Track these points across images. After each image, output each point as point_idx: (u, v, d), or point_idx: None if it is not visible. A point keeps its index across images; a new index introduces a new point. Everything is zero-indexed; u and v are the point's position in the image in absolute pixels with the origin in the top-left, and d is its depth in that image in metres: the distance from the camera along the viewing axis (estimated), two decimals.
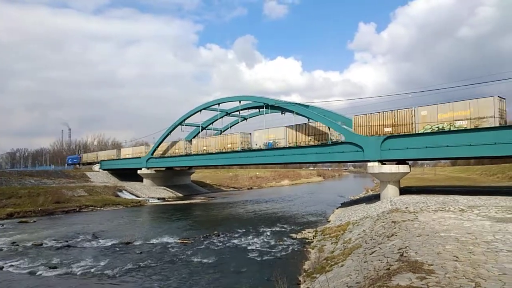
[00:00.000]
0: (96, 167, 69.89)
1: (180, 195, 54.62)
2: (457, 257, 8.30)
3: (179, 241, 21.63)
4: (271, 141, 32.84)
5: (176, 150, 52.25)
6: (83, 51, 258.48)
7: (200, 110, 47.06)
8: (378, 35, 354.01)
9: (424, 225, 13.11)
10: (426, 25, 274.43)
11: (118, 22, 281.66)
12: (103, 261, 17.03)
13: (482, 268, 7.33)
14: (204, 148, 46.41)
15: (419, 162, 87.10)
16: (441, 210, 17.47)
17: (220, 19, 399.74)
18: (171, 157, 52.77)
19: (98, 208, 38.92)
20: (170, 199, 50.34)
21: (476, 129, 22.55)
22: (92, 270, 15.72)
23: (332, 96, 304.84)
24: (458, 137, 23.21)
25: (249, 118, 48.71)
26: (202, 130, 53.59)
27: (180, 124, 50.21)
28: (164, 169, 57.77)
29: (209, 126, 53.52)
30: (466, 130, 23.00)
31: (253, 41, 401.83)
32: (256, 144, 34.76)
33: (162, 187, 56.48)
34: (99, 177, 61.81)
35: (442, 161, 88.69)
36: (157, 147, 54.35)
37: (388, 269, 7.95)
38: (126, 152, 63.98)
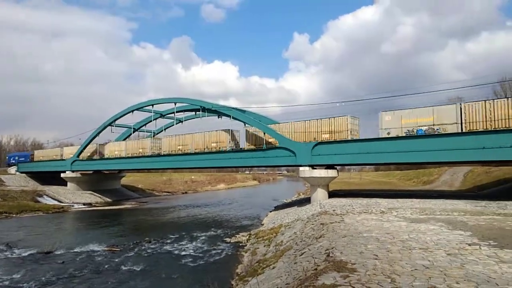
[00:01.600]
0: (12, 169, 63.31)
1: (109, 200, 51.67)
2: (377, 256, 8.99)
3: (106, 248, 20.44)
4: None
5: (106, 152, 49.42)
6: None
7: (132, 111, 45.11)
8: (311, 46, 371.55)
9: (349, 227, 13.98)
10: (354, 39, 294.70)
11: (41, 13, 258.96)
12: (18, 273, 15.46)
13: (398, 265, 8.03)
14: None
15: (347, 167, 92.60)
16: (364, 212, 18.76)
17: (156, 18, 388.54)
18: (99, 159, 49.79)
19: (14, 215, 35.23)
20: (97, 205, 47.36)
21: (394, 138, 24.75)
22: (5, 283, 14.19)
23: (268, 102, 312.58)
24: (380, 145, 25.24)
25: (185, 120, 47.91)
26: (134, 132, 51.43)
27: (110, 124, 47.58)
28: (91, 172, 54.26)
29: (141, 128, 51.56)
30: (386, 138, 25.09)
31: (190, 42, 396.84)
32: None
33: (89, 192, 52.94)
34: (15, 181, 56.12)
35: (367, 166, 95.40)
36: (84, 148, 50.92)
37: (316, 269, 8.35)
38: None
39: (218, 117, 38.83)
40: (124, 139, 50.52)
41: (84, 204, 46.38)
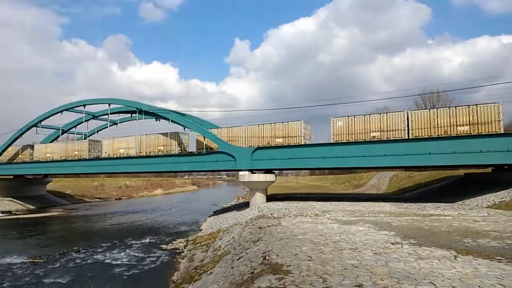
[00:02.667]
0: None
1: (32, 207, 47.32)
2: (311, 257, 9.34)
3: (28, 260, 18.70)
4: None
5: (30, 156, 45.28)
6: None
7: (62, 111, 41.87)
8: (251, 53, 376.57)
9: (286, 229, 14.35)
10: (293, 48, 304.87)
11: None
12: None
13: (329, 265, 8.42)
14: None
15: (284, 171, 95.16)
16: (300, 215, 19.40)
17: (90, 15, 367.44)
18: (22, 163, 45.48)
19: None
20: (18, 212, 43.15)
21: (324, 144, 26.16)
22: None
23: (208, 106, 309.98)
24: (314, 150, 26.45)
25: (119, 123, 45.60)
26: (62, 134, 47.80)
27: (35, 125, 43.68)
28: (11, 177, 49.35)
29: (71, 130, 48.14)
30: (318, 144, 26.38)
31: (126, 41, 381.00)
32: None
33: (8, 199, 47.99)
34: None
35: (303, 171, 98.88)
36: (3, 151, 46.21)
37: (252, 273, 8.45)
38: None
39: (156, 120, 37.58)
40: (52, 141, 46.79)
41: (2, 212, 42.01)
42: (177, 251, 20.23)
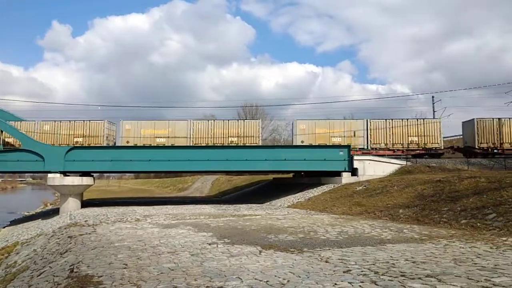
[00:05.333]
0: None
1: None
2: (127, 265, 8.94)
3: None
4: None
5: None
6: None
7: None
8: (73, 39, 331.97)
9: (101, 237, 13.34)
10: (123, 42, 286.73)
11: None
12: None
13: (145, 271, 8.25)
14: None
15: (106, 174, 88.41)
16: (119, 221, 18.35)
17: None
18: None
19: None
20: None
21: (148, 147, 25.96)
22: None
23: (12, 94, 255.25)
24: (139, 153, 25.76)
25: None
26: None
27: None
28: None
29: None
30: (145, 147, 25.88)
31: None
32: None
33: None
34: None
35: (127, 174, 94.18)
36: None
37: None
38: None
39: None
40: None
41: None
42: None
